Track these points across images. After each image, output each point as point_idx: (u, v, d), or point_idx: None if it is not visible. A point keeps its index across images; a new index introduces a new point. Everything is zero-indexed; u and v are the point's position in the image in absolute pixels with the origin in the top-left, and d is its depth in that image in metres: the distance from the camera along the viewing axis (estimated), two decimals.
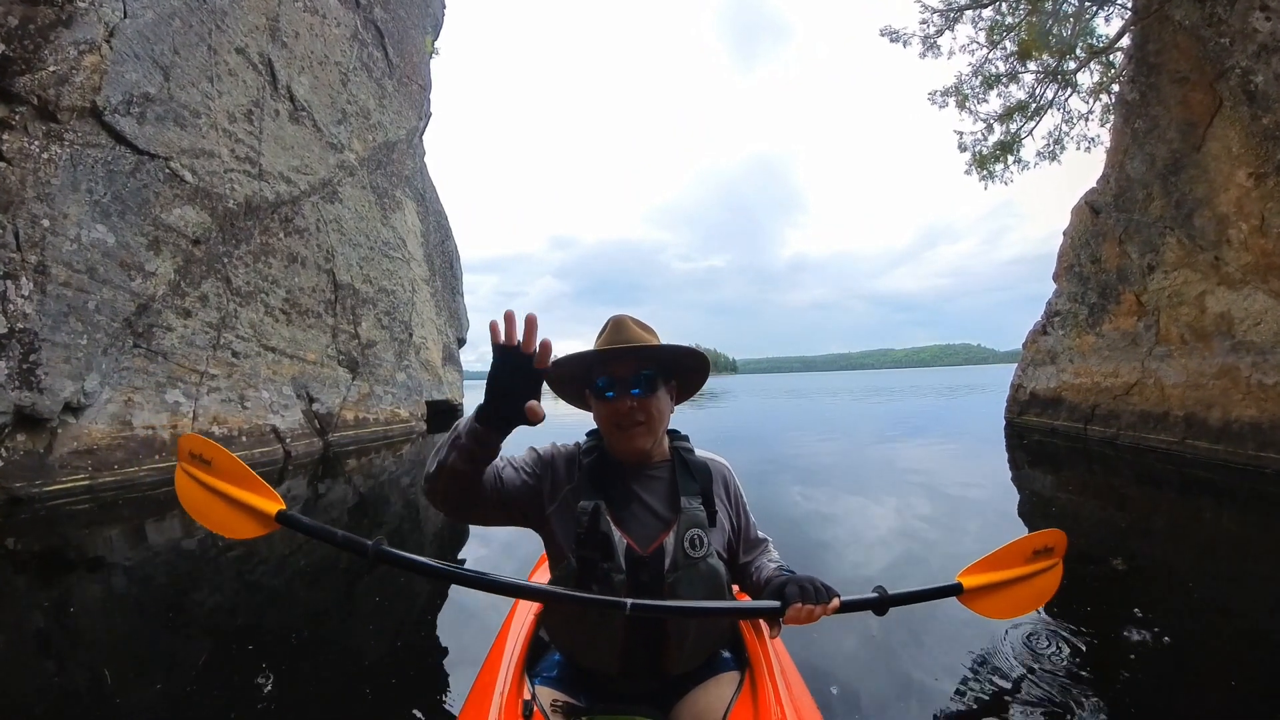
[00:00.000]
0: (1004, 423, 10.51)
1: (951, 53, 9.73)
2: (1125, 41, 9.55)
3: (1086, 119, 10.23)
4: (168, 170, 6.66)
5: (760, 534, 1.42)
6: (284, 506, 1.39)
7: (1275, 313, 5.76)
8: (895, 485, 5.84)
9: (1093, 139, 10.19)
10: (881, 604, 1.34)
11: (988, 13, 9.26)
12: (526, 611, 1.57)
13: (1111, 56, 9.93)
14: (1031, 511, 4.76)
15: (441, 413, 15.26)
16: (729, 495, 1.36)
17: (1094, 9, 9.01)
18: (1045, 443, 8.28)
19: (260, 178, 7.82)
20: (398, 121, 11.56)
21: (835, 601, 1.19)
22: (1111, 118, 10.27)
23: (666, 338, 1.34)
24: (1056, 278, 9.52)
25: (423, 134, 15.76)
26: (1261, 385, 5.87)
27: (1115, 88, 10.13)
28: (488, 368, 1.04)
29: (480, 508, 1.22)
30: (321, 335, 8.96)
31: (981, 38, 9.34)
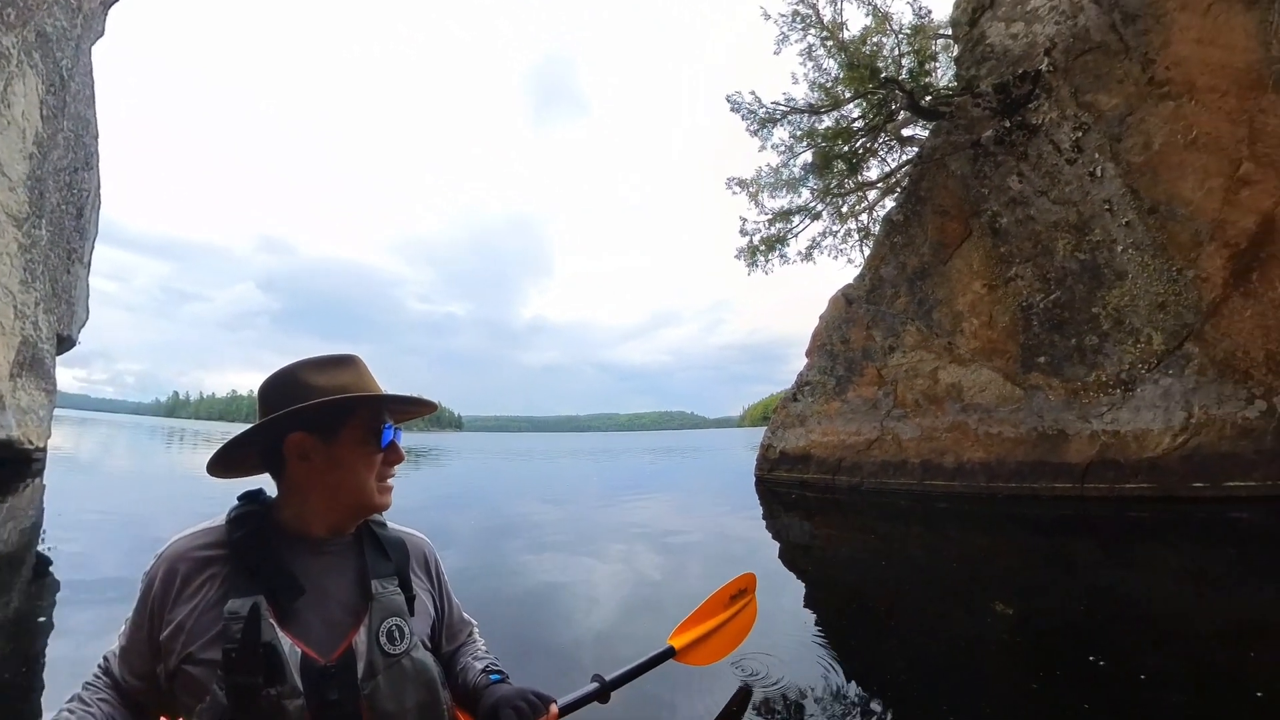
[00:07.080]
0: (754, 479, 11.22)
1: (763, 148, 11.09)
2: (881, 183, 11.97)
3: (835, 234, 12.46)
4: None
5: (465, 615, 1.26)
6: None
7: (997, 383, 7.64)
8: (645, 547, 5.64)
9: (840, 249, 12.59)
10: (603, 692, 1.35)
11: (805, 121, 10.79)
12: None
13: (867, 193, 12.28)
14: (792, 558, 5.16)
15: None
16: (431, 575, 1.15)
17: (887, 144, 11.25)
18: (798, 496, 8.99)
19: None
20: None
21: (553, 709, 1.08)
22: (856, 237, 12.63)
23: (390, 382, 1.14)
24: (809, 354, 10.89)
25: (93, 41, 11.26)
26: (988, 434, 7.62)
27: (864, 217, 12.50)
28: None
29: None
30: None
31: (789, 142, 10.87)
